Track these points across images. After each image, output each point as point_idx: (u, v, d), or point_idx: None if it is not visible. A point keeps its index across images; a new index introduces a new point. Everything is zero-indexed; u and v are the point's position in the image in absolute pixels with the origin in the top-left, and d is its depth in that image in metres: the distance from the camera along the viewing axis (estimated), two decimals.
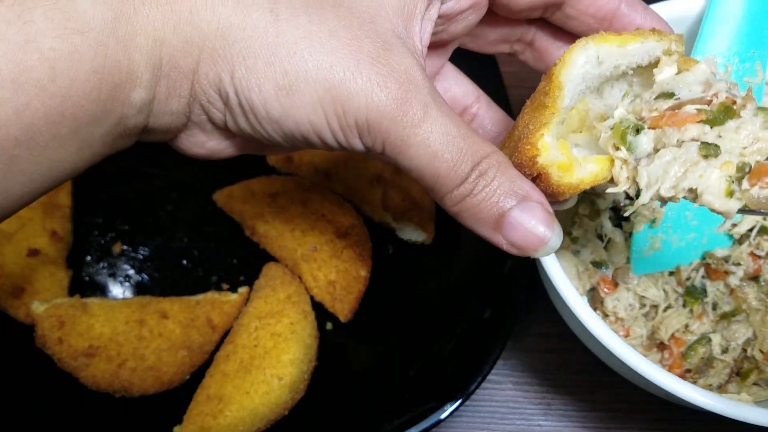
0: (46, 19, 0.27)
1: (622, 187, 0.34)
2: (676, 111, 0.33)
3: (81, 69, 0.27)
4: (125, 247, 0.61)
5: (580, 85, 0.35)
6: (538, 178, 0.33)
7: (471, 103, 0.43)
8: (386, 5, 0.32)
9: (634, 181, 0.34)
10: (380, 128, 0.30)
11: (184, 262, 0.61)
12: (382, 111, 0.30)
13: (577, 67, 0.34)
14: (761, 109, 0.32)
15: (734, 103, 0.32)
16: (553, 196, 0.34)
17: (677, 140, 0.32)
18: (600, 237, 0.58)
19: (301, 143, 0.33)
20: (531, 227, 0.32)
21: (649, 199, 0.33)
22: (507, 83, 0.62)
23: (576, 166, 0.34)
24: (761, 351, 0.54)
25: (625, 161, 0.34)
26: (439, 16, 0.35)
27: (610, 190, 0.35)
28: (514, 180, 0.32)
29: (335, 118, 0.31)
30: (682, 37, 0.36)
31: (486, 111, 0.43)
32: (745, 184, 0.31)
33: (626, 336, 0.56)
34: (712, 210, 0.32)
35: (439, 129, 0.31)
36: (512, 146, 0.35)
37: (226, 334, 0.56)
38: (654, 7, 0.43)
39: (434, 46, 0.39)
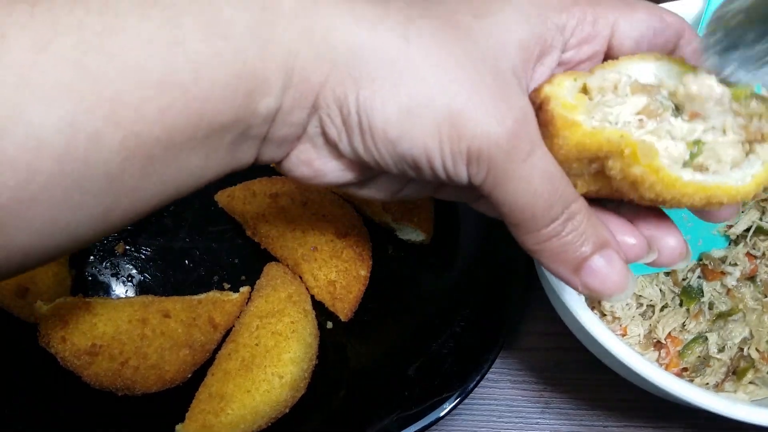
0: (193, 24, 0.27)
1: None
2: None
3: (222, 73, 0.28)
4: (128, 247, 0.62)
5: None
6: (542, 117, 0.32)
7: None
8: (509, 45, 0.33)
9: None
10: (489, 158, 0.31)
11: (186, 262, 0.62)
12: (495, 142, 0.30)
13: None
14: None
15: None
16: (554, 152, 0.32)
17: None
18: None
19: (408, 167, 0.33)
20: (610, 274, 0.33)
21: None
22: None
23: (584, 111, 0.32)
24: (758, 350, 0.55)
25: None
26: (558, 64, 0.36)
27: None
28: (596, 226, 0.33)
29: (448, 143, 0.31)
30: None
31: None
32: None
33: (623, 335, 0.56)
34: None
35: (542, 167, 0.31)
36: None
37: (228, 332, 0.57)
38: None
39: None
